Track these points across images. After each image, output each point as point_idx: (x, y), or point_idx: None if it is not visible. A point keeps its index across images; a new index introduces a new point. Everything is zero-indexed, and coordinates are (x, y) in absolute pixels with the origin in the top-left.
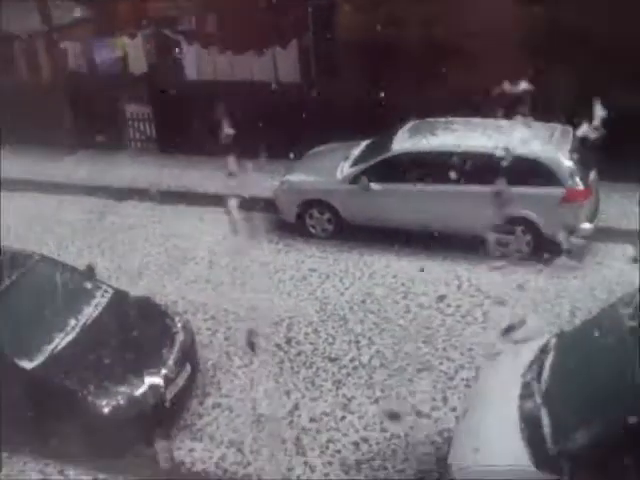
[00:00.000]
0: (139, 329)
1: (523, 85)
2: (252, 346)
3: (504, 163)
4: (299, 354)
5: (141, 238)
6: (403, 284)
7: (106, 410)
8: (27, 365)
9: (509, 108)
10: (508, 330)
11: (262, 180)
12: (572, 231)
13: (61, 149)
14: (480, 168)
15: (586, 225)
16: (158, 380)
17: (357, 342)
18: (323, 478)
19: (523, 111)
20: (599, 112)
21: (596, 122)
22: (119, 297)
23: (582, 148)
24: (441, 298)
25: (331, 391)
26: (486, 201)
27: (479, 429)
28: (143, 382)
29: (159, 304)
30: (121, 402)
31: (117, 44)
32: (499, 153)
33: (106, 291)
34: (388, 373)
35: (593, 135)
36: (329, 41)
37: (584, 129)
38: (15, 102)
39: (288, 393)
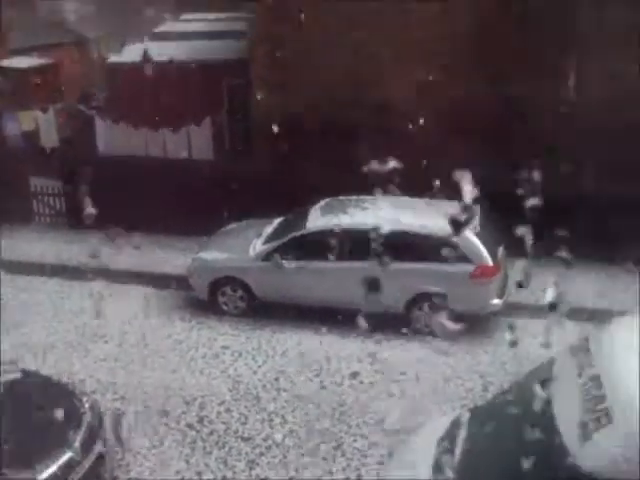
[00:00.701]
0: (44, 410)
1: (393, 164)
2: None
3: (414, 240)
4: (211, 433)
5: (49, 314)
6: (316, 361)
7: None
8: None
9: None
10: None
11: (174, 257)
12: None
13: None
14: (390, 246)
15: (495, 301)
16: (63, 463)
17: (270, 421)
18: None
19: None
20: (468, 189)
21: (467, 199)
22: (24, 377)
23: (490, 225)
24: (354, 375)
25: (244, 471)
26: (398, 278)
27: None
28: (46, 466)
29: (66, 383)
30: None
31: (28, 117)
32: (408, 230)
33: (10, 371)
34: (302, 452)
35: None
36: (243, 120)
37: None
38: None
39: (200, 474)
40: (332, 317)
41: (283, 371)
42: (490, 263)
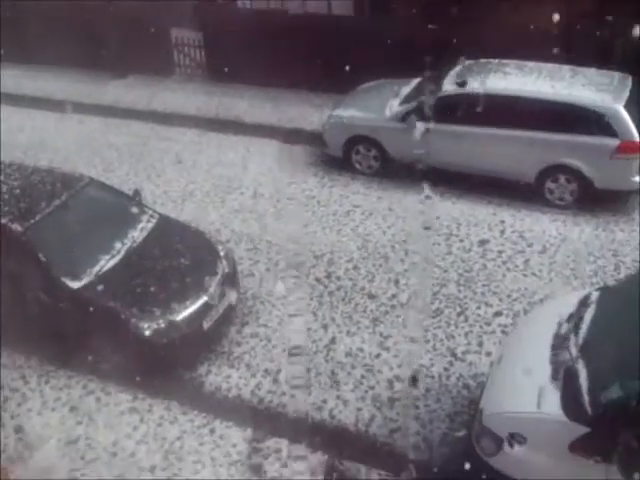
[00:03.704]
0: (183, 255)
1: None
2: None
3: (556, 109)
4: (338, 289)
5: (187, 165)
6: (446, 226)
7: (147, 332)
8: (73, 285)
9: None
10: None
11: (310, 113)
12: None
13: (110, 73)
14: (530, 113)
15: (638, 178)
16: (199, 306)
17: (396, 281)
18: (355, 413)
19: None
20: None
21: None
22: (164, 223)
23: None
24: (483, 242)
25: (368, 328)
26: (533, 147)
27: (513, 376)
28: (184, 307)
29: (203, 232)
30: (162, 326)
31: None
32: (551, 99)
33: (152, 216)
34: (425, 314)
35: None
36: None
37: None
38: (66, 26)
39: (325, 327)
40: (464, 183)
41: (412, 233)
42: (637, 139)
